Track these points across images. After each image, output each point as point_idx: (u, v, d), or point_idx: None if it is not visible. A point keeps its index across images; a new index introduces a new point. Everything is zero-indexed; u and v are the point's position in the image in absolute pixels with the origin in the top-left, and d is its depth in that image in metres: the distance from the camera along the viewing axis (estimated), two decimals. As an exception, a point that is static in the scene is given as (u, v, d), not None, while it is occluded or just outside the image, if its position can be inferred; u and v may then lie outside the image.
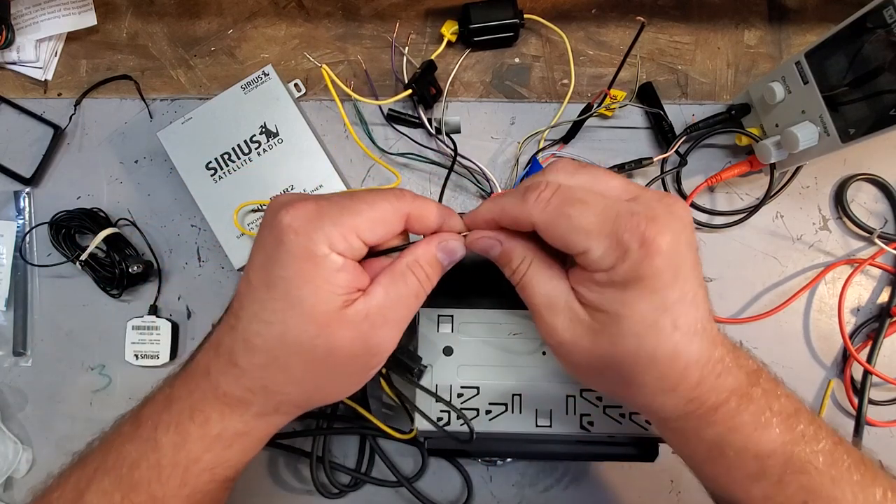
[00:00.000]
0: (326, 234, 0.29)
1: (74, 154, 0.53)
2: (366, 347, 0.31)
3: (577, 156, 0.53)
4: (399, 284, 0.32)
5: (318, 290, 0.29)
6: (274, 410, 0.33)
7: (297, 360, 0.31)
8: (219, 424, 0.32)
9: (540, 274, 0.32)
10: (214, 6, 0.55)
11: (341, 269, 0.30)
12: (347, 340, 0.30)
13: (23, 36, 0.53)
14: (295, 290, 0.29)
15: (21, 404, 0.51)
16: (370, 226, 0.30)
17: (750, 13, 0.55)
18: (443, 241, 0.33)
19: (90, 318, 0.52)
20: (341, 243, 0.30)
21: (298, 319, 0.30)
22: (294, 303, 0.29)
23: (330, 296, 0.30)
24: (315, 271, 0.29)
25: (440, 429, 0.42)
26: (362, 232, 0.30)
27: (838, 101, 0.43)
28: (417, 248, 0.33)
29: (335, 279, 0.30)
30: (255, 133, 0.49)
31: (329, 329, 0.30)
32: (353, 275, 0.30)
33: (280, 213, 0.30)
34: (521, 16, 0.52)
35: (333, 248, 0.29)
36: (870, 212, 0.53)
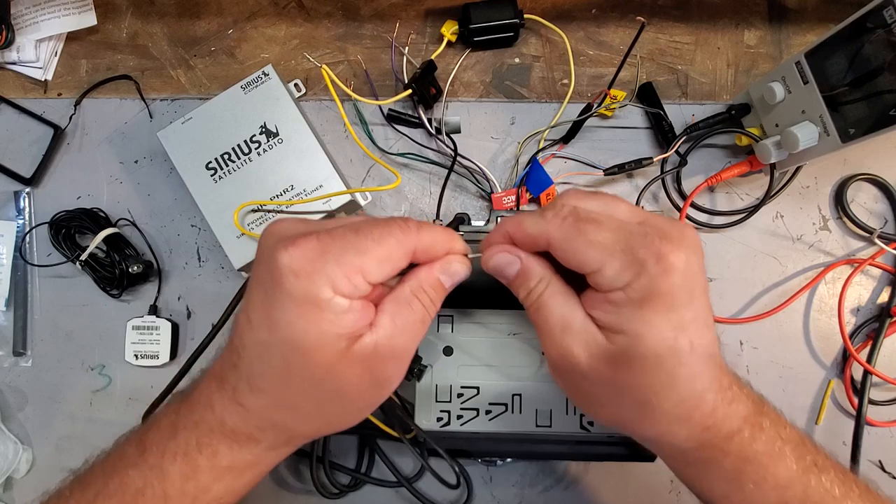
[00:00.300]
0: (330, 277, 0.28)
1: (74, 154, 0.53)
2: (375, 381, 0.30)
3: (577, 156, 0.53)
4: (405, 312, 0.31)
5: (324, 335, 0.28)
6: (285, 443, 0.33)
7: (305, 401, 0.30)
8: (228, 457, 0.31)
9: (557, 295, 0.31)
10: (214, 6, 0.55)
11: (347, 310, 0.28)
12: (356, 378, 0.29)
13: (23, 36, 0.53)
14: (298, 336, 0.28)
15: (21, 404, 0.51)
16: (377, 265, 0.29)
17: (750, 13, 0.55)
18: (446, 264, 0.32)
19: (90, 318, 0.52)
20: (346, 286, 0.28)
21: (303, 365, 0.29)
22: (297, 348, 0.28)
23: (335, 339, 0.28)
24: (319, 316, 0.28)
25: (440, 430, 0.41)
26: (368, 272, 0.29)
27: (838, 101, 0.43)
28: (420, 273, 0.31)
29: (340, 322, 0.28)
30: (255, 133, 0.49)
31: (336, 370, 0.29)
32: (361, 314, 0.29)
33: (279, 253, 0.28)
34: (521, 16, 0.52)
35: (337, 291, 0.28)
36: (870, 212, 0.53)
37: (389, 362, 0.30)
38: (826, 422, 0.51)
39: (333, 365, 0.29)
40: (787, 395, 0.51)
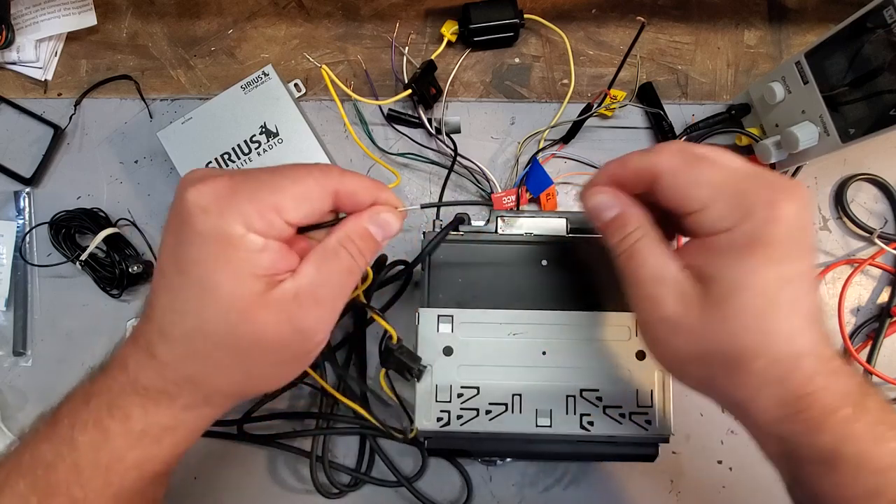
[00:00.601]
0: (242, 213, 0.26)
1: (74, 154, 0.53)
2: (296, 331, 0.28)
3: (577, 156, 0.53)
4: (331, 262, 0.29)
5: (237, 274, 0.27)
6: (203, 402, 0.30)
7: (220, 350, 0.28)
8: (142, 420, 0.29)
9: (652, 245, 0.30)
10: (214, 6, 0.55)
11: (263, 249, 0.27)
12: (273, 325, 0.28)
13: (23, 36, 0.53)
14: (210, 275, 0.27)
15: (21, 404, 0.51)
16: (293, 203, 0.27)
17: (750, 13, 0.55)
18: (375, 214, 0.30)
19: (90, 318, 0.52)
20: (259, 222, 0.27)
21: (216, 307, 0.27)
22: (209, 289, 0.27)
23: (251, 279, 0.27)
24: (231, 253, 0.26)
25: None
26: (284, 210, 0.27)
27: (838, 101, 0.43)
28: (348, 223, 0.30)
29: (256, 261, 0.27)
30: (255, 133, 0.49)
31: (251, 315, 0.27)
32: (279, 255, 0.28)
33: (187, 191, 0.27)
34: (521, 16, 0.52)
35: (250, 228, 0.27)
36: (870, 212, 0.53)
37: (312, 310, 0.28)
38: None
39: (248, 308, 0.27)
40: (787, 395, 0.51)
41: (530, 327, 0.43)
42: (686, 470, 0.49)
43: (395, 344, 0.43)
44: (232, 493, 0.49)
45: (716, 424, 0.50)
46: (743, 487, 0.49)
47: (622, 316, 0.43)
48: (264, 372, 0.30)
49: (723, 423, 0.50)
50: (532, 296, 0.44)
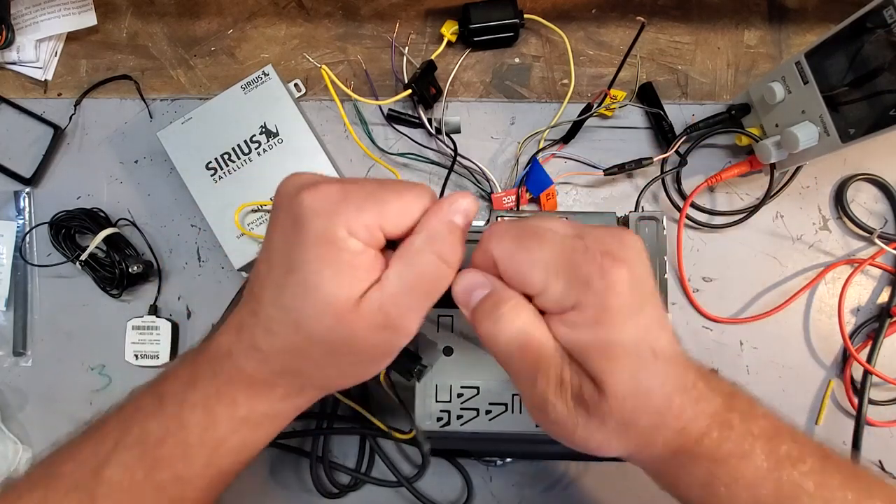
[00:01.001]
0: (348, 220, 0.28)
1: (74, 154, 0.53)
2: (385, 337, 0.30)
3: (577, 156, 0.53)
4: (415, 266, 0.29)
5: (338, 276, 0.28)
6: (298, 393, 0.32)
7: (316, 347, 0.29)
8: (246, 406, 0.31)
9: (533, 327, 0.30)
10: (214, 6, 0.55)
11: (361, 253, 0.28)
12: (362, 331, 0.29)
13: (23, 36, 0.53)
14: (314, 275, 0.28)
15: (21, 404, 0.51)
16: (394, 218, 0.29)
17: (750, 13, 0.55)
18: (452, 202, 0.30)
19: (90, 318, 0.52)
20: (362, 231, 0.28)
21: (316, 308, 0.28)
22: (312, 288, 0.28)
23: (350, 281, 0.28)
24: (336, 255, 0.28)
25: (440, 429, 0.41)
26: (385, 223, 0.28)
27: (838, 101, 0.43)
28: (430, 220, 0.29)
29: (356, 263, 0.28)
30: (255, 133, 0.49)
31: (345, 319, 0.28)
32: (373, 261, 0.29)
33: (302, 195, 0.28)
34: (521, 16, 0.52)
35: (352, 234, 0.28)
36: (870, 212, 0.53)
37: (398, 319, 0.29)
38: (826, 422, 0.51)
39: (342, 313, 0.28)
40: (787, 395, 0.51)
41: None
42: (686, 470, 0.49)
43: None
44: (232, 493, 0.49)
45: (716, 424, 0.50)
46: (743, 487, 0.49)
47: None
48: (356, 370, 0.32)
49: (723, 423, 0.50)
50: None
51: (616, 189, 0.53)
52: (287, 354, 0.30)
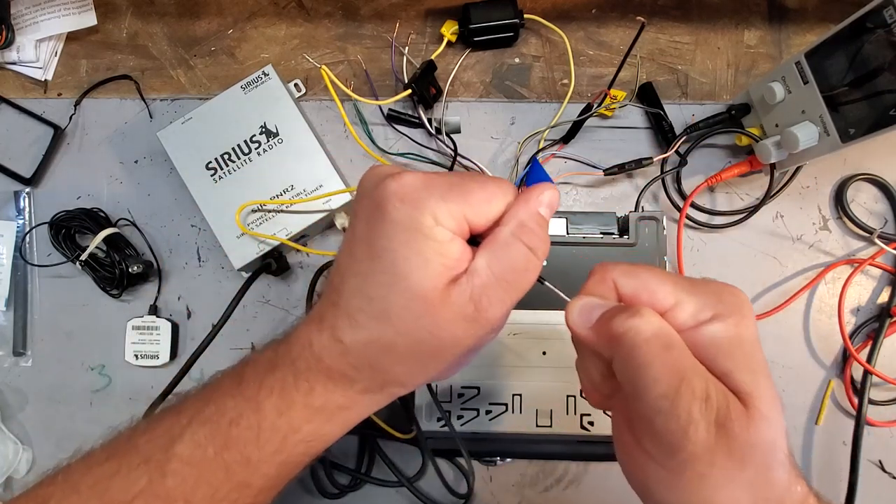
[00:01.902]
0: (433, 209, 0.27)
1: (74, 154, 0.53)
2: (473, 331, 0.28)
3: (577, 156, 0.53)
4: (504, 256, 0.28)
5: (428, 263, 0.27)
6: (379, 388, 0.31)
7: (402, 338, 0.28)
8: (322, 396, 0.30)
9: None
10: (214, 6, 0.55)
11: (451, 241, 0.28)
12: (451, 323, 0.28)
13: (23, 36, 0.53)
14: (402, 262, 0.27)
15: (21, 404, 0.51)
16: (478, 208, 0.28)
17: (750, 13, 0.55)
18: (541, 195, 0.29)
19: (90, 318, 0.52)
20: (448, 220, 0.27)
21: (403, 296, 0.27)
22: (400, 277, 0.27)
23: (440, 269, 0.27)
24: (422, 243, 0.27)
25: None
26: (469, 212, 0.28)
27: (838, 101, 0.43)
28: (517, 211, 0.29)
29: (446, 251, 0.27)
30: (255, 133, 0.49)
31: (433, 309, 0.27)
32: (463, 250, 0.28)
33: (386, 181, 0.28)
34: (521, 16, 0.52)
35: (439, 222, 0.27)
36: (870, 212, 0.53)
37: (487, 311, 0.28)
38: (826, 422, 0.51)
39: (431, 303, 0.27)
40: (787, 395, 0.51)
41: (530, 327, 0.43)
42: (686, 470, 0.49)
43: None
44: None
45: (716, 424, 0.50)
46: (743, 487, 0.49)
47: (622, 316, 0.43)
48: (439, 367, 0.30)
49: (723, 423, 0.50)
50: (532, 296, 0.44)
51: (616, 189, 0.53)
52: (370, 347, 0.29)
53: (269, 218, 0.49)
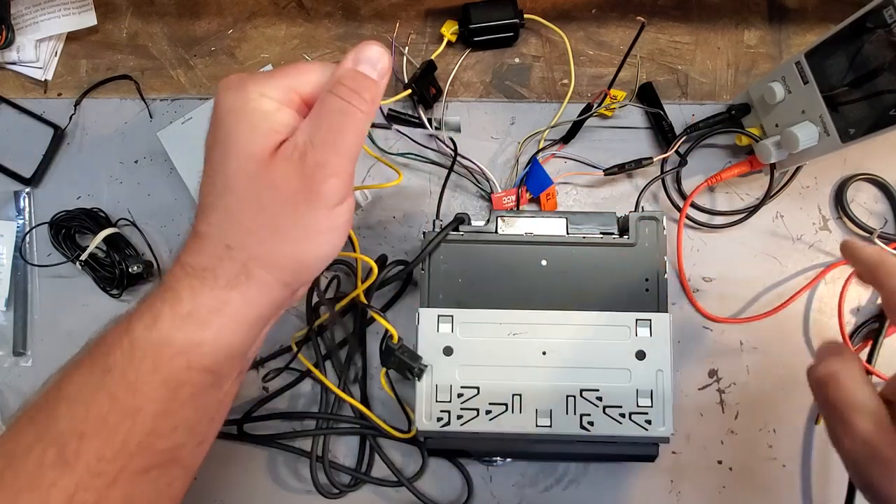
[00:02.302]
0: (258, 84, 0.30)
1: (74, 154, 0.53)
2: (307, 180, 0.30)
3: (577, 156, 0.53)
4: (322, 112, 0.30)
5: (255, 128, 0.29)
6: (245, 277, 0.30)
7: (245, 203, 0.30)
8: (189, 302, 0.30)
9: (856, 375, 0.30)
10: (214, 6, 0.55)
11: (277, 110, 0.30)
12: (284, 179, 0.29)
13: (23, 36, 0.53)
14: (233, 134, 0.29)
15: (21, 404, 0.51)
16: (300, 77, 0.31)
17: (750, 13, 0.55)
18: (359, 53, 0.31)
19: (90, 318, 0.52)
20: (275, 92, 0.30)
21: (236, 160, 0.29)
22: (231, 144, 0.30)
23: (267, 132, 0.29)
24: (249, 114, 0.29)
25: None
26: (293, 83, 0.30)
27: (838, 101, 0.43)
28: (337, 70, 0.31)
29: (273, 118, 0.30)
30: (255, 133, 0.49)
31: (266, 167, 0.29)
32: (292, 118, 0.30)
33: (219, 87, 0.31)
34: (521, 16, 0.52)
35: (265, 95, 0.30)
36: (870, 212, 0.53)
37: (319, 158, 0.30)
38: (826, 422, 0.51)
39: (263, 160, 0.29)
40: (787, 394, 0.51)
41: (530, 327, 0.43)
42: (686, 470, 0.49)
43: (395, 343, 0.43)
44: (232, 493, 0.49)
45: (716, 424, 0.50)
46: (743, 487, 0.49)
47: (622, 316, 0.43)
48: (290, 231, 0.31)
49: (723, 423, 0.50)
50: (532, 296, 0.44)
51: (616, 189, 0.53)
52: (221, 226, 0.30)
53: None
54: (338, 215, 0.31)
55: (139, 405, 0.29)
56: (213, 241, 0.30)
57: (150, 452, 0.30)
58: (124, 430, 0.29)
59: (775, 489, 0.49)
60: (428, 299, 0.44)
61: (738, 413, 0.50)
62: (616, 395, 0.42)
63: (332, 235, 0.32)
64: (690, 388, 0.50)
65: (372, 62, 0.31)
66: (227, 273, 0.30)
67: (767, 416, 0.50)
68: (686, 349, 0.51)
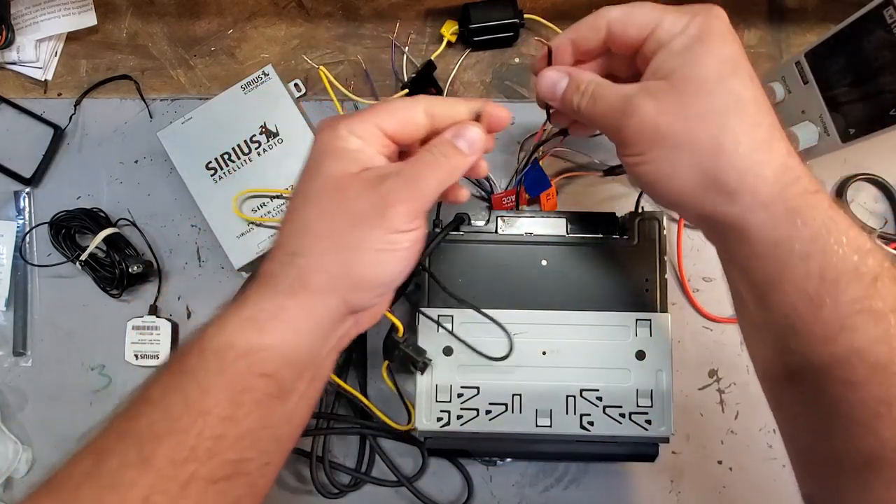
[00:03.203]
0: (349, 125, 0.32)
1: (74, 154, 0.53)
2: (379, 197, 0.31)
3: (576, 156, 0.53)
4: (413, 159, 0.33)
5: (339, 159, 0.32)
6: (301, 284, 0.32)
7: (319, 214, 0.32)
8: (253, 306, 0.32)
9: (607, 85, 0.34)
10: (214, 6, 0.55)
11: (361, 149, 0.32)
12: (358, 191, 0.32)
13: (23, 36, 0.53)
14: (321, 164, 0.32)
15: (21, 404, 0.51)
16: (387, 117, 0.33)
17: (750, 13, 0.55)
18: (458, 127, 0.34)
19: (90, 318, 0.52)
20: (360, 128, 0.32)
21: (320, 180, 0.32)
22: (315, 172, 0.32)
23: (348, 163, 0.32)
24: (337, 147, 0.32)
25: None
26: (380, 121, 0.33)
27: (838, 101, 0.43)
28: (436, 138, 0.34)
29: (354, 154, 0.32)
30: (255, 133, 0.49)
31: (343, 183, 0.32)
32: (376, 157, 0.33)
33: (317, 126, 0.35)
34: (521, 16, 0.52)
35: (353, 133, 0.32)
36: (870, 212, 0.53)
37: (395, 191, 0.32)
38: None
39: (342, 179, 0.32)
40: (787, 395, 0.51)
41: (530, 327, 0.43)
42: (686, 470, 0.49)
43: (400, 337, 0.43)
44: (232, 493, 0.49)
45: (716, 424, 0.50)
46: (743, 487, 0.49)
47: (622, 316, 0.43)
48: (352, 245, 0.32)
49: (723, 423, 0.50)
50: (532, 296, 0.44)
51: (615, 189, 0.53)
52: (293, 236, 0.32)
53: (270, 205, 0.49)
54: (399, 240, 0.33)
55: (208, 408, 0.30)
56: (283, 248, 0.32)
57: (219, 461, 0.30)
58: (195, 432, 0.30)
59: (775, 489, 0.49)
60: (428, 299, 0.44)
61: (738, 413, 0.50)
62: (616, 395, 0.43)
63: (390, 258, 0.33)
64: (690, 388, 0.50)
65: (469, 141, 0.34)
66: (287, 278, 0.32)
67: (767, 416, 0.49)
68: (686, 349, 0.51)
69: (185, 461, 0.29)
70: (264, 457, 0.33)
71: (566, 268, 0.44)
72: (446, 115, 0.34)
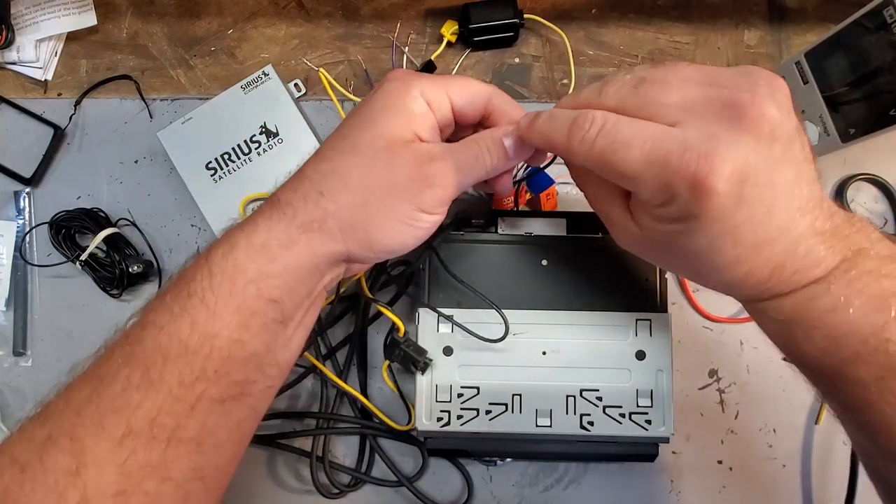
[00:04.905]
0: (420, 85, 0.33)
1: (74, 154, 0.53)
2: (422, 175, 0.32)
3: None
4: (462, 145, 0.34)
5: (397, 118, 0.32)
6: (319, 224, 0.32)
7: (360, 168, 0.32)
8: (264, 234, 0.32)
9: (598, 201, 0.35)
10: (214, 6, 0.55)
11: (425, 114, 0.33)
12: (404, 162, 0.32)
13: (23, 36, 0.53)
14: (376, 114, 0.32)
15: (21, 404, 0.51)
16: (460, 90, 0.34)
17: (750, 13, 0.55)
18: (510, 128, 0.35)
19: (90, 318, 0.52)
20: (431, 92, 0.33)
21: (371, 133, 0.32)
22: (371, 123, 0.32)
23: (405, 126, 0.32)
24: (401, 105, 0.32)
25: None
26: (452, 91, 0.34)
27: (838, 101, 0.43)
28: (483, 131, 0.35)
29: (416, 119, 0.32)
30: (255, 133, 0.49)
31: (395, 149, 0.32)
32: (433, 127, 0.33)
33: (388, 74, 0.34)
34: (521, 16, 0.52)
35: (423, 95, 0.33)
36: (870, 212, 0.53)
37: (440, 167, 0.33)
38: (826, 422, 0.51)
39: (394, 144, 0.32)
40: (787, 394, 0.51)
41: (530, 327, 0.43)
42: (686, 470, 0.49)
43: (401, 337, 0.43)
44: (232, 493, 0.49)
45: (716, 424, 0.50)
46: (743, 487, 0.49)
47: (622, 316, 0.43)
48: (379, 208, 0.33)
49: (723, 423, 0.50)
50: (532, 296, 0.44)
51: (616, 189, 0.53)
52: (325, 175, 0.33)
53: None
54: (423, 219, 0.34)
55: (217, 330, 0.31)
56: (312, 184, 0.33)
57: (226, 382, 0.31)
58: (204, 354, 0.31)
59: (775, 489, 0.49)
60: (428, 299, 0.44)
61: (738, 413, 0.50)
62: (616, 395, 0.43)
63: (409, 232, 0.34)
64: (690, 388, 0.50)
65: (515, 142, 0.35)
66: (307, 215, 0.32)
67: (767, 416, 0.50)
68: (686, 349, 0.51)
69: (193, 383, 0.30)
70: (267, 380, 0.34)
71: (566, 268, 0.44)
72: (506, 111, 0.35)
